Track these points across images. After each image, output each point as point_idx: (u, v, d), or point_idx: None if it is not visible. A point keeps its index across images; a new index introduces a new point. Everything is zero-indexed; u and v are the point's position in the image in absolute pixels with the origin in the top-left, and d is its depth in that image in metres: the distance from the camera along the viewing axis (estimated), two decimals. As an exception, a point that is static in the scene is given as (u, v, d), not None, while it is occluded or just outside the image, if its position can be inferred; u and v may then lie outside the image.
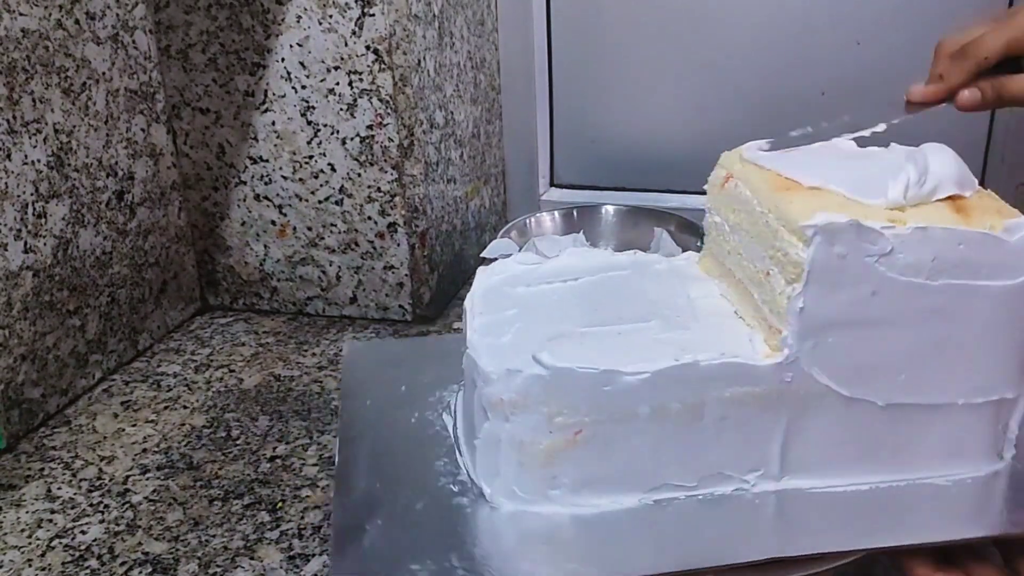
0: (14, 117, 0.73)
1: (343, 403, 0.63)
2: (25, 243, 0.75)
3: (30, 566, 0.61)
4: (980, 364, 0.51)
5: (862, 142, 0.59)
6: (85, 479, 0.70)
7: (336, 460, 0.56)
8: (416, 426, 0.59)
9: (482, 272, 0.60)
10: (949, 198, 0.51)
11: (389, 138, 0.87)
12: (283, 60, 0.87)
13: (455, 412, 0.59)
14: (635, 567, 0.47)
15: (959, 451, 0.53)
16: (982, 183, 1.20)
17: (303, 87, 0.87)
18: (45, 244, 0.77)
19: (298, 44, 0.86)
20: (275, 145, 0.90)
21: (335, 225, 0.92)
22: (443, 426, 0.59)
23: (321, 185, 0.91)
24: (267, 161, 0.91)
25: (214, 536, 0.63)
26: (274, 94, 0.88)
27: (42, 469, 0.72)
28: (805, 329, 0.49)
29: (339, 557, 0.48)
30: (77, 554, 0.62)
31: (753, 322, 0.53)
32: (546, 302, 0.56)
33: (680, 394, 0.49)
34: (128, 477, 0.70)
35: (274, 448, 0.73)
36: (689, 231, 0.94)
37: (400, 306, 0.94)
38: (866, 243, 0.47)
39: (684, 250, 0.72)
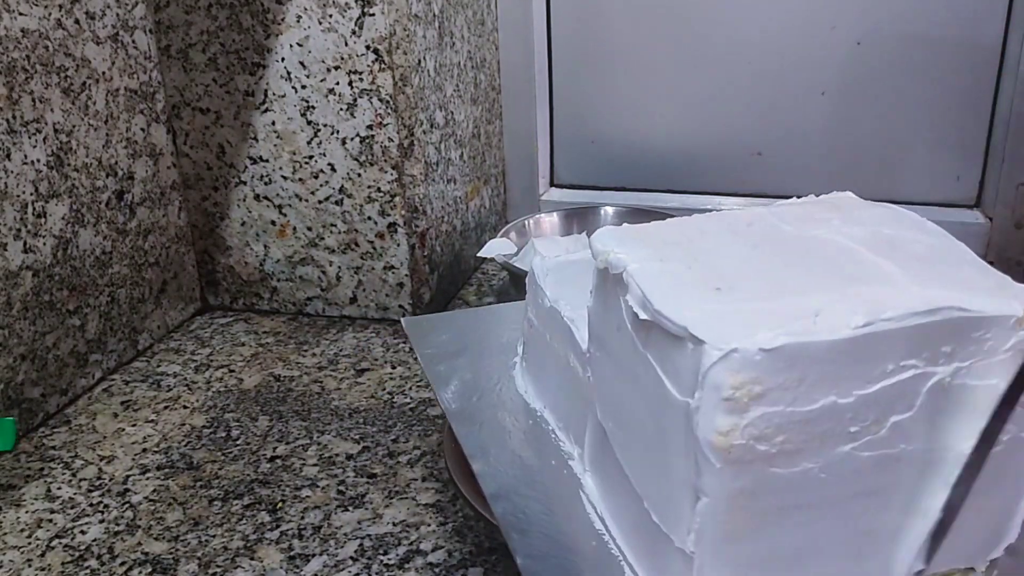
0: (14, 117, 0.73)
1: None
2: (25, 243, 0.75)
3: (30, 566, 0.61)
4: None
5: None
6: (85, 479, 0.70)
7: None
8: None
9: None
10: None
11: (389, 138, 0.87)
12: (283, 60, 0.87)
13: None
14: None
15: None
16: (982, 183, 1.21)
17: (303, 87, 0.87)
18: (45, 244, 0.77)
19: (298, 44, 0.86)
20: (275, 145, 0.90)
21: (335, 225, 0.92)
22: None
23: (321, 185, 0.91)
24: (267, 161, 0.91)
25: (214, 536, 0.63)
26: (274, 94, 0.88)
27: (42, 469, 0.72)
28: None
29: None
30: (77, 554, 0.62)
31: None
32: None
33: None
34: (128, 477, 0.70)
35: (274, 448, 0.73)
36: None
37: (400, 306, 0.94)
38: None
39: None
